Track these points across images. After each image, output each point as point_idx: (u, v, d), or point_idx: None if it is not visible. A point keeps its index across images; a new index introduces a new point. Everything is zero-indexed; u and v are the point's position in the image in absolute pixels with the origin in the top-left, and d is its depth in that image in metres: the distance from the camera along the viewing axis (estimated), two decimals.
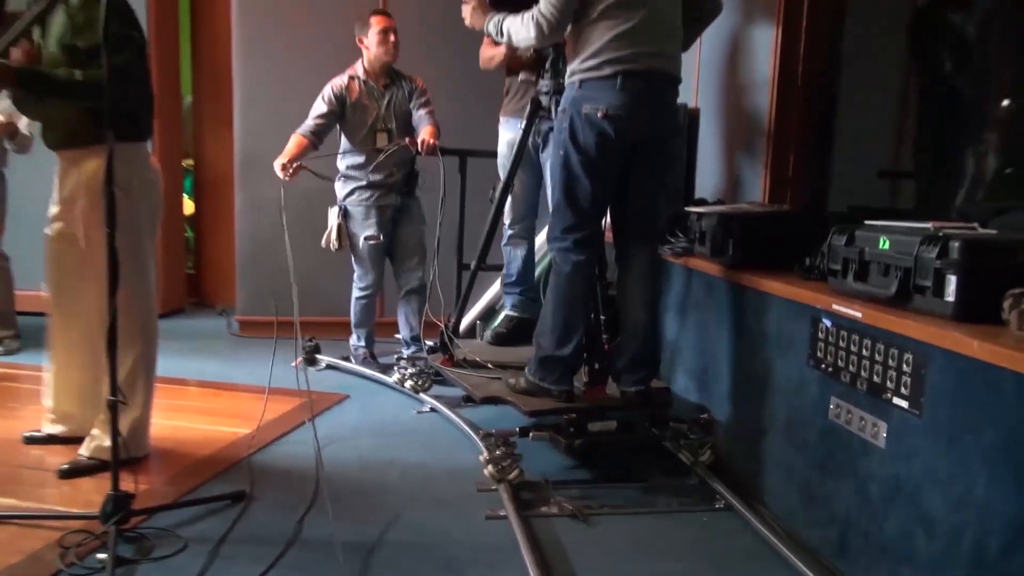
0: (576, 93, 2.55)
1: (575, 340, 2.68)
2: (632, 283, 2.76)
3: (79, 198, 2.55)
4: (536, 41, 2.62)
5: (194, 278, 5.81)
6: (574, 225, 2.64)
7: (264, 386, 3.67)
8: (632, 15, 2.47)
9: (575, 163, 2.58)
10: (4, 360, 4.03)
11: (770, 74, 3.16)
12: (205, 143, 5.72)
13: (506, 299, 3.77)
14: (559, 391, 2.72)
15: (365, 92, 3.77)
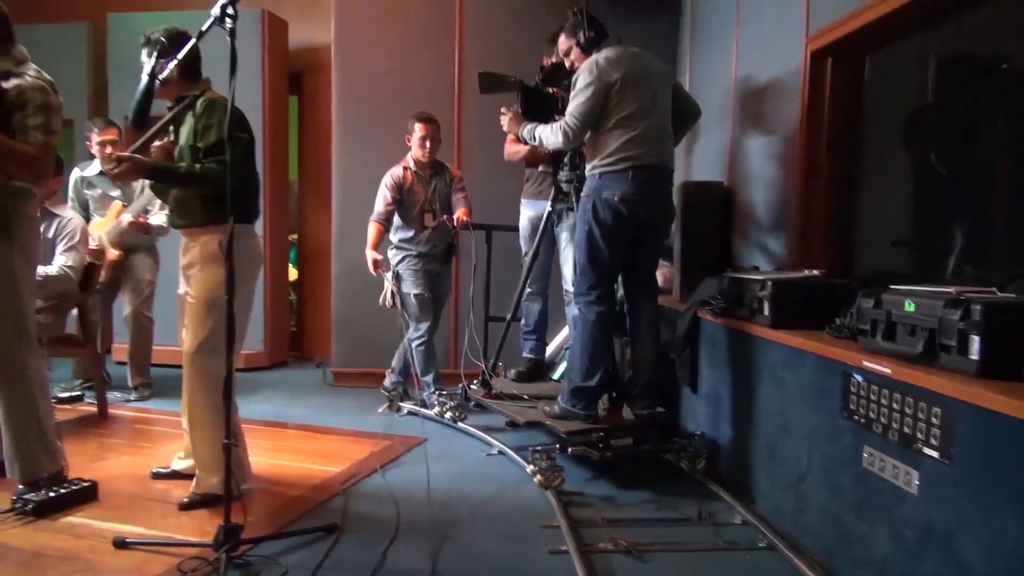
0: (597, 183, 2.94)
1: (599, 374, 3.02)
2: (642, 328, 3.13)
3: (193, 268, 2.66)
4: (562, 145, 3.03)
5: (296, 335, 5.93)
6: (596, 284, 2.99)
7: (353, 429, 3.75)
8: (639, 125, 2.91)
9: (597, 236, 2.94)
10: (139, 405, 4.17)
11: (797, 152, 3.14)
12: (307, 219, 5.90)
13: (524, 344, 3.98)
14: (587, 415, 3.04)
15: (416, 180, 4.06)
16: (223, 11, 1.97)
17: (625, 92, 2.90)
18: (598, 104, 2.90)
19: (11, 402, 2.57)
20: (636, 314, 3.14)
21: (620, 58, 2.95)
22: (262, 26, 5.05)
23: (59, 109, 2.58)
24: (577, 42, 3.10)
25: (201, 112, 2.58)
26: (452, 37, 4.74)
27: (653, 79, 3.00)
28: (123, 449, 3.37)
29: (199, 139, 2.56)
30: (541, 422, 3.15)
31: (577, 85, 2.94)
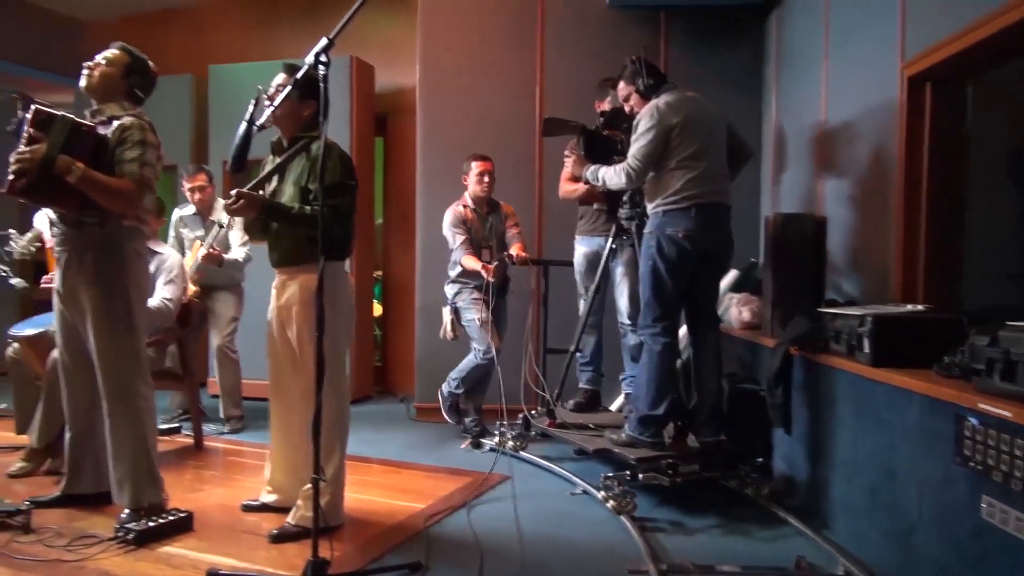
0: (660, 220, 3.12)
1: (666, 403, 3.14)
2: (705, 358, 3.26)
3: (293, 305, 2.73)
4: (625, 185, 3.23)
5: (380, 369, 6.03)
6: (661, 315, 3.15)
7: (435, 465, 3.75)
8: (699, 165, 3.09)
9: (661, 270, 3.10)
10: (230, 438, 4.30)
11: (897, 182, 3.00)
12: (392, 256, 6.03)
13: (580, 375, 4.10)
14: (654, 443, 3.16)
15: (474, 216, 4.26)
16: (316, 59, 2.05)
17: (685, 134, 3.08)
18: (659, 146, 3.08)
19: (123, 431, 2.70)
20: (699, 345, 3.28)
21: (679, 102, 3.13)
22: (350, 72, 5.25)
23: (156, 146, 2.75)
24: (636, 88, 3.26)
25: (317, 156, 2.65)
26: (533, 79, 4.80)
27: (710, 121, 3.19)
28: (217, 481, 3.48)
29: (312, 181, 2.65)
30: (610, 450, 3.26)
31: (639, 129, 3.12)
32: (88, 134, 2.64)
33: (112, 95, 2.79)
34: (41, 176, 2.51)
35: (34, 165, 2.50)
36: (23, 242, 4.01)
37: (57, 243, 2.78)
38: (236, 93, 5.40)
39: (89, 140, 2.63)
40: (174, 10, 6.58)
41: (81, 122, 2.65)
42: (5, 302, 5.98)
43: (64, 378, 2.89)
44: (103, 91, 2.78)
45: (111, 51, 2.81)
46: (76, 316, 2.76)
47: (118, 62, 2.80)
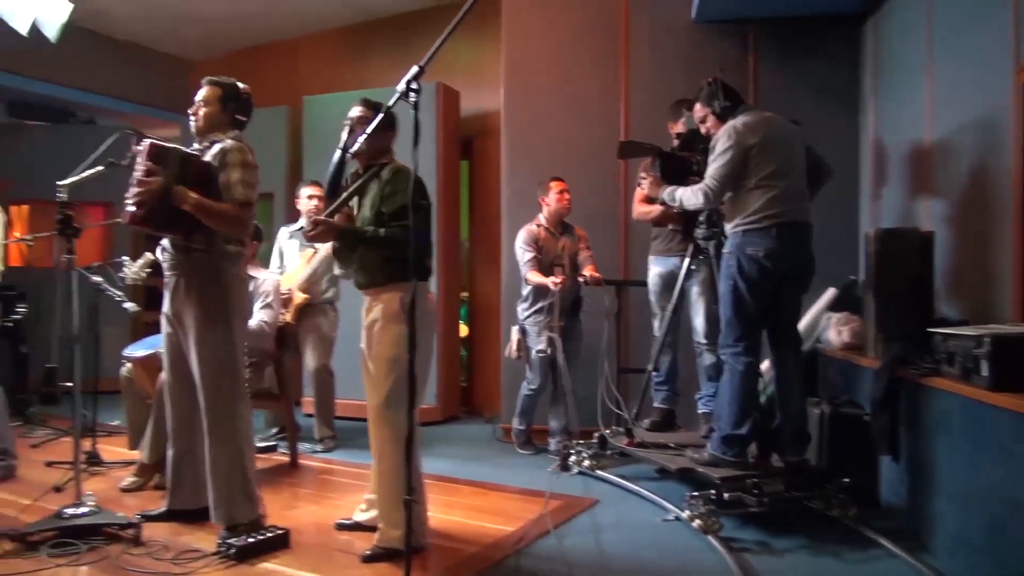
0: (740, 239, 3.11)
1: (749, 421, 3.12)
2: (788, 378, 3.23)
3: (375, 325, 2.79)
4: (703, 205, 3.27)
5: (467, 390, 6.07)
6: (742, 335, 3.14)
7: (523, 487, 3.73)
8: (779, 183, 3.08)
9: (743, 290, 3.09)
10: (323, 456, 4.40)
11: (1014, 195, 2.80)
12: (478, 277, 6.09)
13: (656, 395, 4.09)
14: (738, 462, 3.14)
15: (547, 237, 4.38)
16: (408, 86, 2.09)
17: (763, 154, 3.08)
18: (737, 167, 3.09)
19: (221, 450, 2.80)
20: (781, 365, 3.25)
21: (757, 123, 3.14)
22: (437, 97, 5.37)
23: (256, 168, 2.88)
24: (713, 110, 3.27)
25: (387, 180, 2.75)
26: (617, 98, 4.78)
27: (788, 141, 3.19)
28: (311, 499, 3.56)
29: (384, 205, 2.73)
30: (693, 469, 3.24)
31: (716, 149, 3.14)
32: (196, 163, 2.79)
33: (217, 128, 2.94)
34: (158, 206, 2.67)
35: (153, 196, 2.65)
36: (135, 268, 4.25)
37: (166, 268, 2.93)
38: (328, 122, 5.59)
39: (197, 169, 2.78)
40: (272, 44, 6.92)
41: (190, 153, 2.80)
42: (118, 324, 6.35)
43: (168, 397, 3.03)
44: (209, 128, 2.93)
45: (203, 90, 2.96)
46: (182, 338, 2.90)
47: (213, 97, 2.95)
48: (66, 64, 6.18)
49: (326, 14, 6.27)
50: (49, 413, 5.17)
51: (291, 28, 6.60)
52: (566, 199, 4.36)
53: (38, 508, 3.05)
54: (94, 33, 6.43)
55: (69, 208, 2.85)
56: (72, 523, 2.78)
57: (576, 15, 4.89)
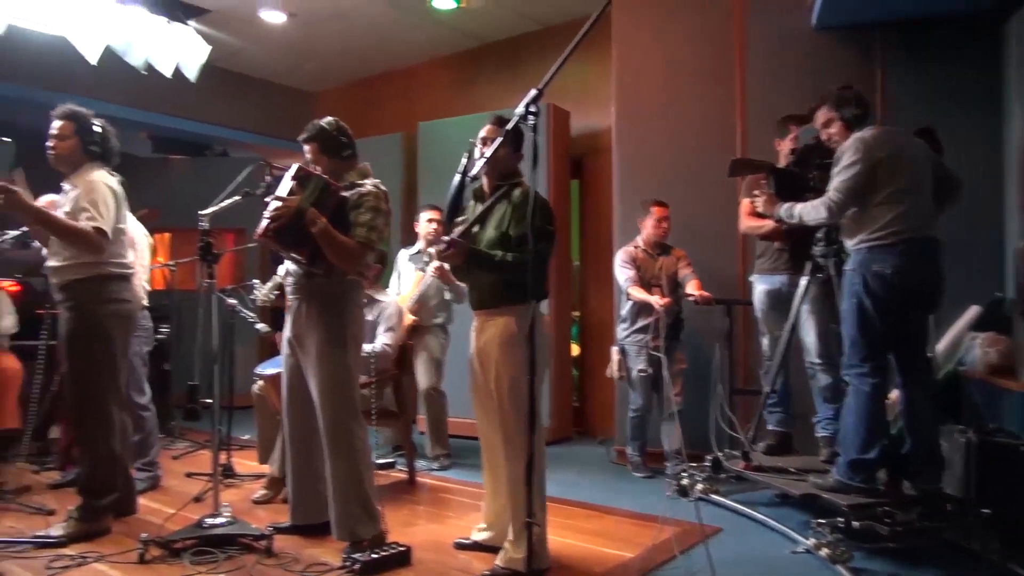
0: (865, 256, 3.02)
1: (878, 445, 2.99)
2: (918, 401, 3.06)
3: (492, 347, 2.80)
4: (825, 220, 3.15)
5: (579, 411, 6.03)
6: (868, 355, 3.02)
7: (640, 512, 3.64)
8: (906, 199, 2.98)
9: (868, 308, 2.99)
10: (439, 474, 4.47)
11: None
12: (589, 297, 6.06)
13: (769, 417, 3.96)
14: (866, 488, 3.01)
15: (644, 257, 4.40)
16: (527, 109, 2.11)
17: (892, 169, 2.99)
18: (863, 180, 3.00)
19: (340, 468, 2.90)
20: (910, 387, 3.11)
21: (885, 137, 3.06)
22: (548, 118, 5.41)
23: (387, 214, 2.99)
24: (841, 116, 3.18)
25: (518, 203, 2.77)
26: (733, 112, 4.65)
27: (916, 156, 3.09)
28: (429, 516, 3.62)
29: (512, 227, 2.75)
30: (817, 495, 3.13)
31: (842, 162, 3.05)
32: (334, 195, 2.91)
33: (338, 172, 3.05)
34: (290, 224, 2.81)
35: (288, 212, 2.80)
36: (265, 290, 4.49)
37: (290, 292, 3.08)
38: (442, 147, 5.78)
39: (334, 200, 2.90)
40: (387, 74, 7.21)
41: (331, 182, 2.93)
42: (248, 343, 6.74)
43: (288, 416, 3.16)
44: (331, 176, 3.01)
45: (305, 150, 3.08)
46: (301, 359, 3.03)
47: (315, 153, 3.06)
48: (203, 102, 6.67)
49: (438, 42, 6.47)
50: (188, 427, 5.53)
51: (405, 57, 6.85)
52: (663, 228, 4.39)
53: (181, 517, 3.25)
54: (226, 71, 6.91)
55: (210, 235, 3.04)
56: (211, 532, 2.94)
57: (688, 29, 4.82)
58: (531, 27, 6.12)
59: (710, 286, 4.28)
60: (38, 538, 3.03)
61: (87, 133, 3.28)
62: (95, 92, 5.73)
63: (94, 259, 3.17)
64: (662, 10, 4.90)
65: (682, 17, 4.85)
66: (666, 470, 4.27)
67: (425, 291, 4.57)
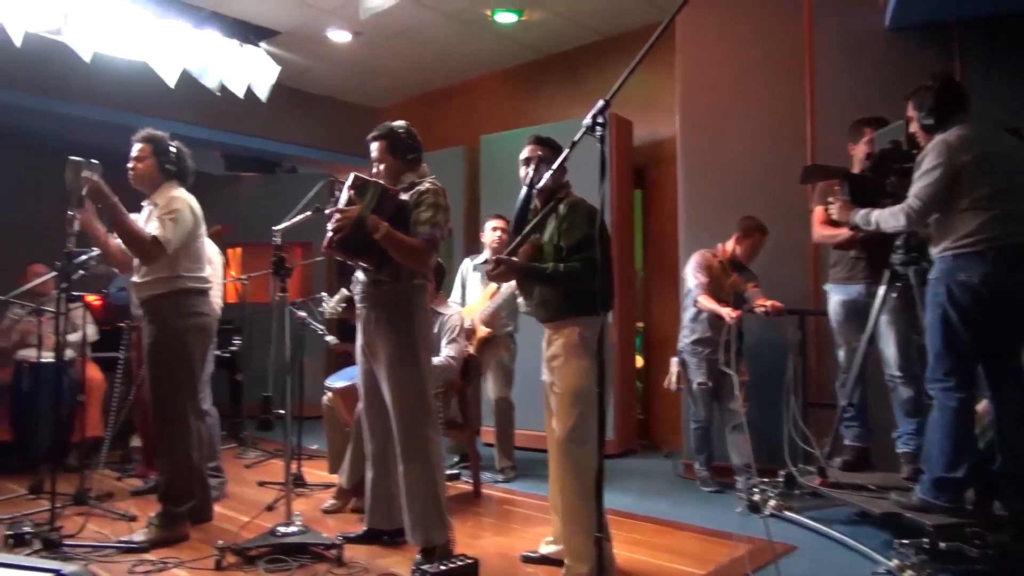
0: (950, 264, 2.88)
1: (965, 463, 2.84)
2: (1012, 417, 2.89)
3: (558, 358, 2.79)
4: (904, 227, 3.05)
5: (643, 423, 5.94)
6: (954, 368, 2.88)
7: (709, 528, 3.56)
8: (996, 204, 2.82)
9: (953, 319, 2.86)
10: (504, 486, 4.47)
11: None
12: (653, 307, 5.98)
13: (846, 432, 3.81)
14: (953, 508, 2.87)
15: (720, 270, 4.29)
16: (594, 120, 2.10)
17: (978, 173, 2.85)
18: (945, 186, 2.88)
19: (416, 473, 2.92)
20: (1002, 401, 2.94)
21: (973, 137, 2.91)
22: (611, 128, 5.36)
23: (447, 209, 3.03)
24: (920, 115, 3.05)
25: (564, 215, 2.78)
26: (802, 117, 4.53)
27: (1009, 157, 2.92)
28: (495, 529, 3.62)
29: (562, 239, 2.76)
30: (899, 514, 3.01)
31: (923, 166, 2.94)
32: (393, 198, 2.96)
33: (399, 173, 3.11)
34: (353, 233, 2.86)
35: (349, 223, 2.86)
36: (332, 303, 4.59)
37: (358, 301, 3.13)
38: (504, 159, 5.80)
39: (394, 203, 2.95)
40: (449, 88, 7.30)
41: (389, 188, 2.99)
42: (316, 355, 6.89)
43: (365, 424, 3.21)
44: (394, 178, 3.10)
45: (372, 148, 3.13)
46: (375, 366, 3.07)
47: (382, 151, 3.12)
48: (272, 120, 6.88)
49: (498, 55, 6.52)
50: (259, 436, 5.68)
51: (466, 71, 6.93)
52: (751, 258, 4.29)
53: (254, 525, 3.34)
54: (294, 90, 7.11)
55: (282, 250, 3.13)
56: (284, 541, 3.01)
57: (755, 33, 4.73)
58: (591, 38, 6.12)
59: (780, 296, 4.16)
60: (122, 543, 3.14)
61: (164, 154, 3.42)
62: (172, 114, 5.99)
63: (171, 274, 3.29)
64: (727, 13, 4.82)
65: (748, 20, 4.76)
66: (735, 484, 4.17)
67: (499, 305, 4.58)
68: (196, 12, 5.43)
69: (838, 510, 3.65)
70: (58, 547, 3.00)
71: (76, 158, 3.15)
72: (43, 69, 5.32)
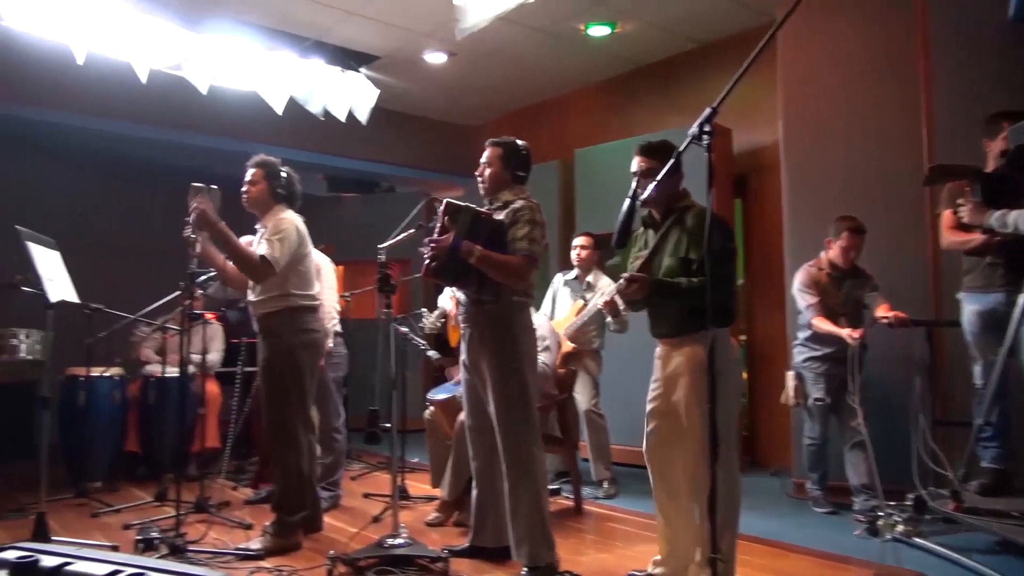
0: None
1: None
2: None
3: (680, 376, 2.71)
4: None
5: (748, 439, 5.74)
6: None
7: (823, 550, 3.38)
8: None
9: None
10: (605, 502, 4.41)
11: None
12: (756, 320, 5.78)
13: (983, 453, 3.57)
14: None
15: (829, 281, 4.06)
16: (700, 129, 2.05)
17: None
18: None
19: (521, 490, 2.92)
20: None
21: None
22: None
23: (543, 225, 3.03)
24: None
25: (694, 225, 2.69)
26: (917, 118, 4.28)
27: None
28: (599, 546, 3.56)
29: (692, 251, 2.67)
30: None
31: None
32: (486, 221, 3.00)
33: (502, 186, 3.14)
34: (449, 260, 2.91)
35: (444, 251, 2.90)
36: (432, 318, 4.68)
37: (462, 320, 3.17)
38: (598, 172, 5.78)
39: (488, 226, 2.99)
40: (541, 103, 7.35)
41: (480, 211, 3.02)
42: (417, 369, 7.05)
43: (469, 440, 3.23)
44: (496, 188, 3.14)
45: (486, 151, 3.19)
46: (479, 384, 3.10)
47: (495, 157, 3.15)
48: (371, 142, 7.11)
49: (591, 68, 6.51)
50: (361, 449, 5.83)
51: (559, 86, 6.95)
52: (850, 258, 4.02)
53: (362, 536, 3.42)
54: (391, 112, 7.33)
55: (387, 267, 3.21)
56: (391, 552, 3.06)
57: (862, 31, 4.53)
58: (686, 46, 6.02)
59: (899, 309, 3.91)
60: (240, 550, 3.28)
61: (275, 178, 3.58)
62: (279, 139, 6.29)
63: (282, 292, 3.43)
64: (831, 11, 4.62)
65: (854, 18, 4.56)
66: (853, 506, 3.95)
67: (587, 321, 4.55)
68: (301, 42, 5.69)
69: (973, 537, 3.39)
70: (183, 552, 3.16)
71: (198, 184, 3.34)
72: (165, 103, 5.70)
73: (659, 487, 2.85)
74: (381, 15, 5.38)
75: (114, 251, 6.38)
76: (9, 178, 6.17)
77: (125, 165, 6.90)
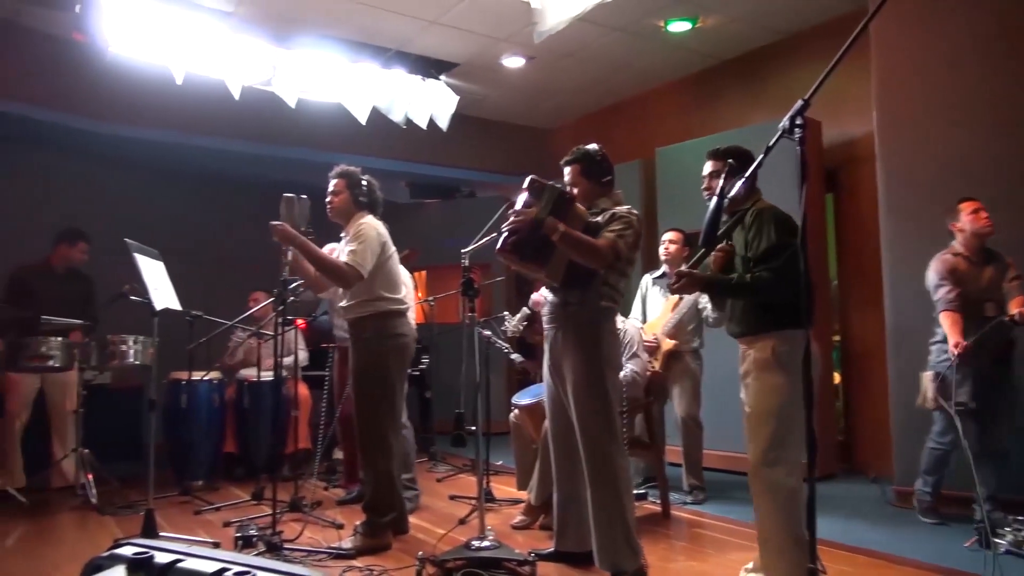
0: None
1: None
2: None
3: (750, 374, 2.67)
4: None
5: (844, 444, 5.50)
6: None
7: (938, 564, 3.20)
8: None
9: None
10: (693, 508, 4.30)
11: None
12: (851, 319, 5.53)
13: None
14: None
15: (968, 267, 3.75)
16: (792, 122, 1.98)
17: None
18: None
19: (603, 496, 2.88)
20: None
21: None
22: None
23: (638, 234, 2.96)
24: None
25: (750, 223, 2.67)
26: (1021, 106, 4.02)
27: None
28: (689, 553, 3.48)
29: (749, 249, 2.64)
30: None
31: None
32: (571, 202, 2.93)
33: (594, 197, 3.10)
34: (529, 235, 2.86)
35: (526, 224, 2.86)
36: (515, 322, 4.69)
37: (546, 322, 3.16)
38: (681, 170, 5.67)
39: (572, 208, 2.91)
40: (619, 104, 7.27)
41: (565, 191, 2.98)
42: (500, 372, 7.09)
43: (552, 444, 3.21)
44: (589, 201, 3.09)
45: (566, 173, 3.15)
46: (561, 388, 3.08)
47: (576, 175, 3.12)
48: (451, 148, 7.21)
49: (672, 65, 6.40)
50: (447, 451, 5.90)
51: (638, 84, 6.87)
52: (983, 218, 3.72)
53: (449, 538, 3.45)
54: (469, 118, 7.41)
55: (471, 271, 3.23)
56: (478, 555, 3.08)
57: (963, 12, 4.26)
58: (771, 38, 5.83)
59: None
60: (333, 549, 3.37)
61: (356, 187, 3.67)
62: (362, 148, 6.46)
63: (370, 296, 3.51)
64: None
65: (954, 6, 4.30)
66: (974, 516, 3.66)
67: (681, 316, 4.47)
68: (383, 53, 5.83)
69: None
70: (279, 550, 3.28)
71: (289, 194, 3.46)
72: (256, 118, 5.95)
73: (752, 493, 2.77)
74: (460, 23, 5.45)
75: (210, 260, 6.69)
76: (117, 195, 6.57)
77: (219, 178, 7.25)
